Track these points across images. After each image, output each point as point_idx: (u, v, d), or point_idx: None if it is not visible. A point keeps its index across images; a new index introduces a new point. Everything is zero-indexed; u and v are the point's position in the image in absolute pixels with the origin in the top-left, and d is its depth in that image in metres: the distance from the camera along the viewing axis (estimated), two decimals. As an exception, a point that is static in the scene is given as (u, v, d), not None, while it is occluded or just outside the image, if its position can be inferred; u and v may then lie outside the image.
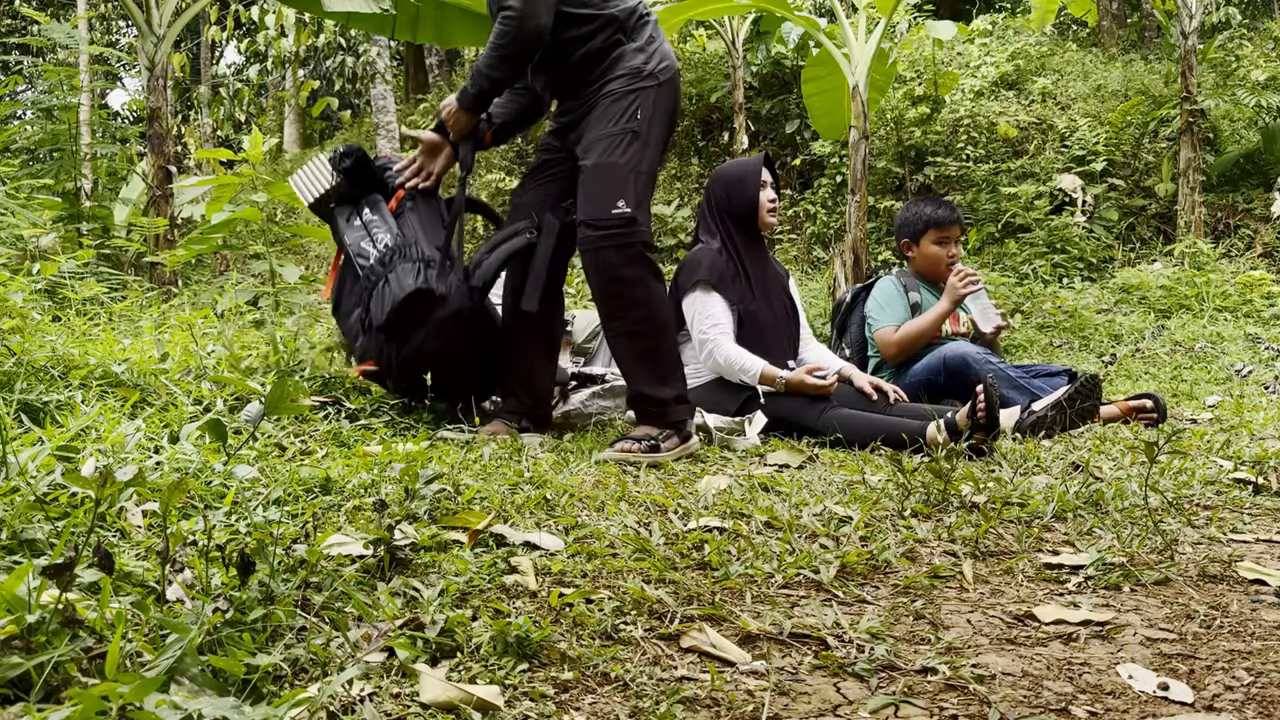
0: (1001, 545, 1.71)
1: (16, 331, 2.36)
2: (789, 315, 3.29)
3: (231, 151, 4.44)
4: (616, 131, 2.37)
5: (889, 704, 1.07)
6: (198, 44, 17.73)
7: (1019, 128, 9.48)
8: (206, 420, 1.47)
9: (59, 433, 1.71)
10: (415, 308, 2.39)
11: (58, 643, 0.94)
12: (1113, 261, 8.49)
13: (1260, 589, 1.50)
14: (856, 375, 3.16)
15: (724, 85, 10.92)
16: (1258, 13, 13.20)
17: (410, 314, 2.40)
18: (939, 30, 7.86)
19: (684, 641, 1.22)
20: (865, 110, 6.08)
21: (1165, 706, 1.09)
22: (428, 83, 15.33)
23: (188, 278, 8.63)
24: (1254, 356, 5.61)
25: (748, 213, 3.17)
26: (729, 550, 1.58)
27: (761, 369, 2.96)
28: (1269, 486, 2.22)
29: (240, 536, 1.41)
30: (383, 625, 1.16)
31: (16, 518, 1.28)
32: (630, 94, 2.40)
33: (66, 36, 6.58)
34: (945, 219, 3.60)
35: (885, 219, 9.33)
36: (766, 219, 3.21)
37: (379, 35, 8.16)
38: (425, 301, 2.40)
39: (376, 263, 2.45)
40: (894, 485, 2.07)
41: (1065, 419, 2.99)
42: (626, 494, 1.92)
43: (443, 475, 1.74)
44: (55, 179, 5.67)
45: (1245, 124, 9.20)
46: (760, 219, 3.19)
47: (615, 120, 2.37)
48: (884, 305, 3.58)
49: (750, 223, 3.19)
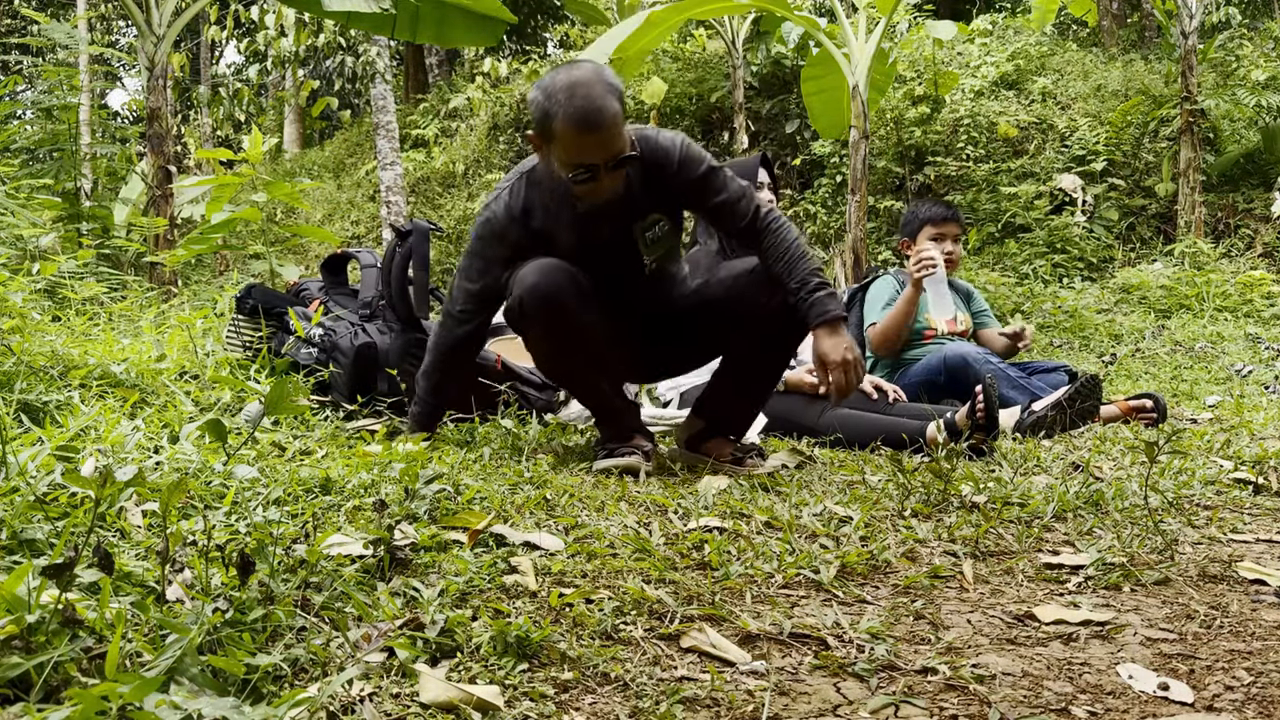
0: (1001, 545, 1.71)
1: (16, 331, 2.36)
2: None
3: (231, 151, 4.44)
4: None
5: (889, 704, 1.07)
6: (198, 44, 17.73)
7: (1019, 128, 9.47)
8: (206, 420, 1.47)
9: (59, 433, 1.71)
10: (364, 361, 2.67)
11: (58, 643, 0.94)
12: (1113, 261, 8.49)
13: (1260, 589, 1.50)
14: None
15: (724, 85, 10.92)
16: (1258, 13, 13.20)
17: (365, 368, 2.68)
18: (939, 30, 7.86)
19: (684, 641, 1.22)
20: (865, 110, 6.08)
21: (1165, 706, 1.09)
22: (428, 83, 15.34)
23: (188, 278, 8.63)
24: (1254, 356, 5.61)
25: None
26: (729, 550, 1.58)
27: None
28: (1269, 486, 2.22)
29: (240, 536, 1.41)
30: (383, 625, 1.16)
31: (16, 518, 1.28)
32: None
33: (66, 36, 6.58)
34: (939, 216, 3.61)
35: (885, 219, 9.33)
36: None
37: (379, 35, 8.15)
38: (370, 353, 2.70)
39: (319, 351, 2.72)
40: (894, 485, 2.07)
41: (1065, 419, 2.99)
42: (626, 494, 1.92)
43: (443, 475, 1.74)
44: (55, 179, 5.67)
45: (1245, 124, 9.20)
46: None
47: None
48: (872, 302, 3.60)
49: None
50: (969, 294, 3.80)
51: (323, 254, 11.63)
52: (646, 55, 7.59)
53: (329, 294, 2.98)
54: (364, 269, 2.97)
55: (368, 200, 12.70)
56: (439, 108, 13.60)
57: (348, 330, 2.74)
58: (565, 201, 2.29)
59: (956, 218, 3.63)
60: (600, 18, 7.66)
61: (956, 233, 3.62)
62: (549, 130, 2.17)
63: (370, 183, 12.80)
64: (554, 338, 2.27)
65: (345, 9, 5.50)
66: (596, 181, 2.18)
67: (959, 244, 3.64)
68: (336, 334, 2.72)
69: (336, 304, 2.93)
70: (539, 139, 2.22)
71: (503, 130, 12.24)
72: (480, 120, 12.61)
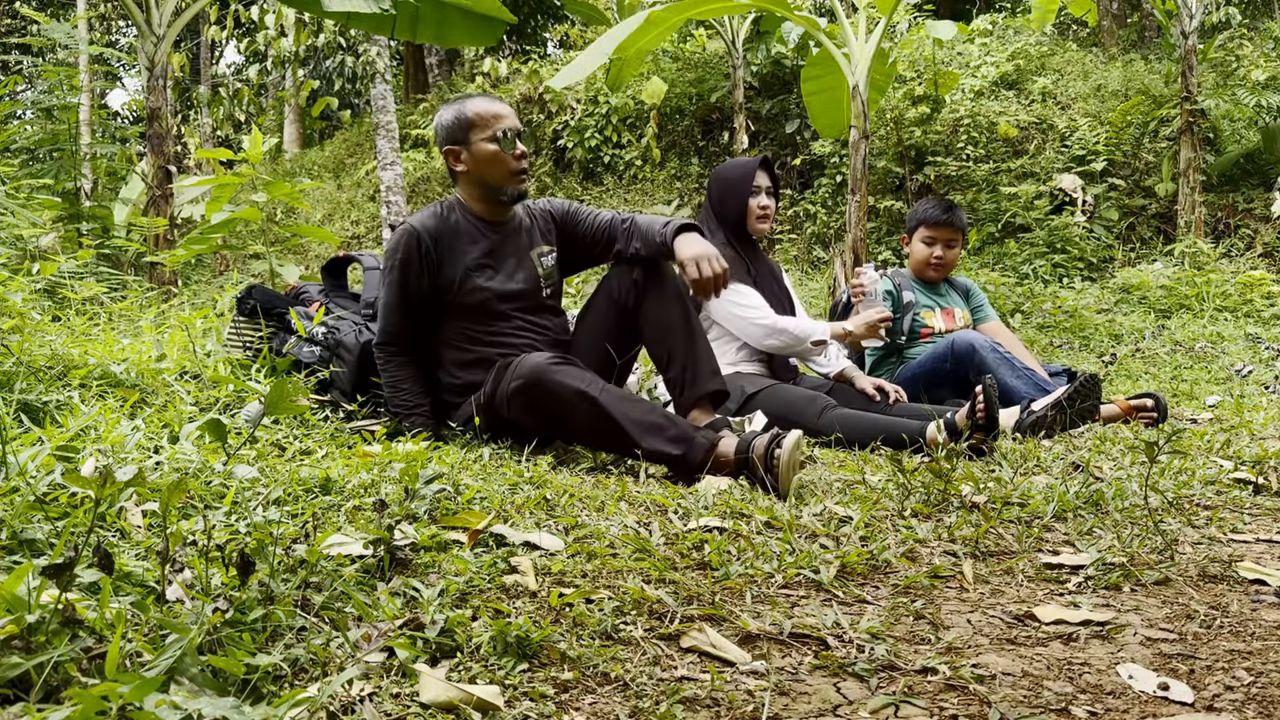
0: (1001, 545, 1.71)
1: (16, 331, 2.36)
2: (786, 305, 3.31)
3: (231, 151, 4.44)
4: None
5: (889, 704, 1.07)
6: (198, 44, 17.74)
7: (1019, 127, 9.48)
8: (206, 420, 1.47)
9: (59, 433, 1.71)
10: (370, 358, 2.67)
11: (58, 643, 0.94)
12: (1113, 261, 8.49)
13: (1260, 589, 1.50)
14: (858, 375, 3.16)
15: (724, 85, 10.92)
16: (1258, 13, 13.20)
17: (371, 365, 2.68)
18: (939, 30, 7.86)
19: (684, 641, 1.22)
20: (865, 110, 6.08)
21: (1165, 706, 1.09)
22: (428, 83, 15.33)
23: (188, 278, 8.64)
24: (1254, 356, 5.61)
25: (737, 217, 3.19)
26: (729, 550, 1.58)
27: (829, 327, 3.03)
28: (1269, 486, 2.22)
29: (240, 536, 1.41)
30: (383, 625, 1.16)
31: (16, 518, 1.28)
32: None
33: (66, 36, 6.58)
34: (933, 218, 3.61)
35: (885, 219, 9.33)
36: (756, 225, 3.21)
37: (379, 35, 8.16)
38: (370, 349, 2.70)
39: (323, 350, 2.73)
40: (894, 485, 2.07)
41: (1065, 419, 2.99)
42: (626, 494, 1.92)
43: (443, 475, 1.74)
44: (55, 179, 5.68)
45: (1245, 124, 9.20)
46: (749, 225, 3.20)
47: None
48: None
49: (740, 227, 3.20)
50: (968, 290, 3.80)
51: (323, 254, 11.65)
52: (646, 55, 7.59)
53: (329, 297, 3.00)
54: (366, 271, 2.98)
55: (368, 200, 12.70)
56: (439, 108, 13.59)
57: (352, 329, 2.74)
58: (476, 230, 2.61)
59: (952, 221, 3.60)
60: (600, 18, 7.66)
61: (950, 236, 3.60)
62: (465, 122, 2.54)
63: (370, 183, 12.80)
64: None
65: (345, 9, 5.50)
66: (525, 150, 2.57)
67: (954, 248, 3.62)
68: (341, 332, 2.73)
69: (337, 306, 2.94)
70: (455, 147, 2.56)
71: (503, 130, 12.22)
72: (480, 120, 12.59)
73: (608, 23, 7.67)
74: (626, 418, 2.21)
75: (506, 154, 2.53)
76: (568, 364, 2.34)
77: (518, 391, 2.30)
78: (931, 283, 3.69)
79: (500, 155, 2.53)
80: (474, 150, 2.54)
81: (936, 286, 3.71)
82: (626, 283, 2.54)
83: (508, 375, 2.35)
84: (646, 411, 2.25)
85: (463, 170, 2.57)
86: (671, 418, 2.26)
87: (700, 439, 2.20)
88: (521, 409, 2.32)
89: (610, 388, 2.29)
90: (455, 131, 2.56)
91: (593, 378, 2.31)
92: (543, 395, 2.27)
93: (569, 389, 2.25)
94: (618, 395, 2.27)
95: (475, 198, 2.61)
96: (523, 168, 2.56)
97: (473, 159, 2.55)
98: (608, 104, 11.01)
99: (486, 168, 2.54)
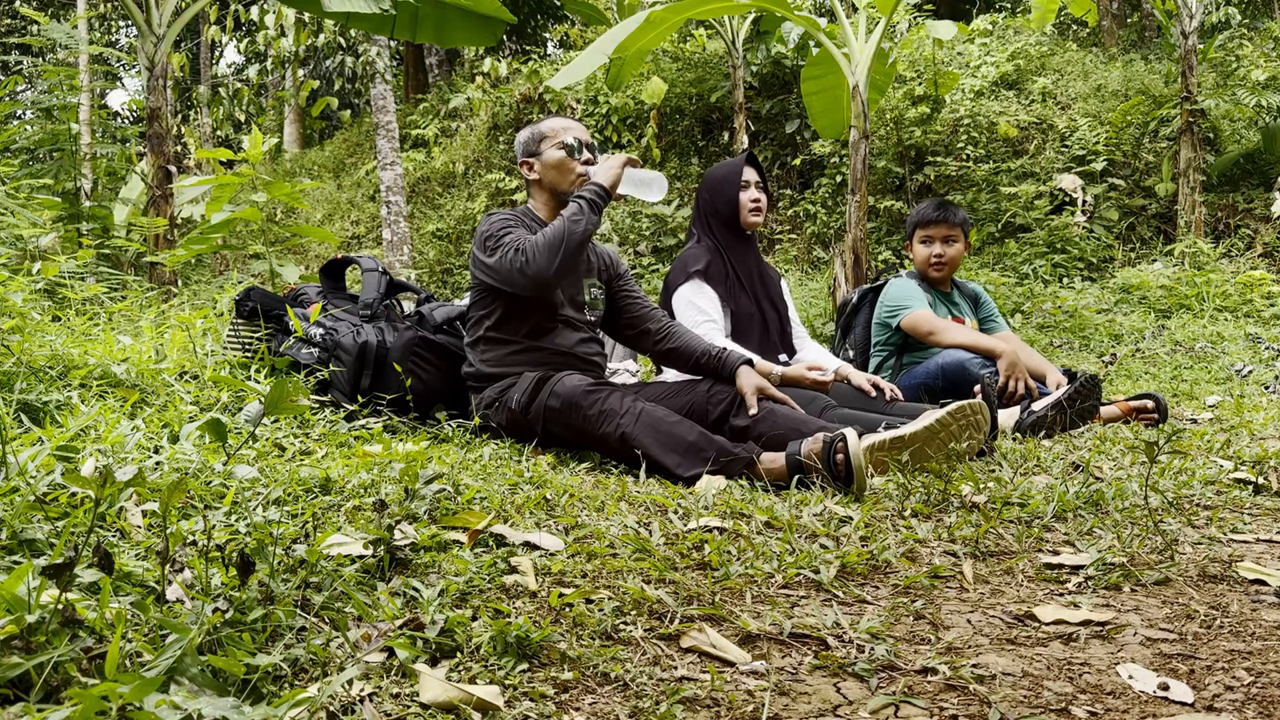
0: (1001, 545, 1.71)
1: (16, 331, 2.36)
2: (779, 316, 3.31)
3: (231, 151, 4.44)
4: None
5: (889, 704, 1.07)
6: (198, 44, 17.73)
7: (1019, 127, 9.47)
8: (206, 420, 1.47)
9: (59, 433, 1.71)
10: (367, 358, 2.72)
11: (58, 643, 0.94)
12: (1113, 261, 8.49)
13: (1260, 589, 1.50)
14: (854, 374, 3.16)
15: (724, 85, 10.92)
16: (1258, 13, 13.20)
17: (369, 365, 2.71)
18: (939, 30, 7.86)
19: (684, 641, 1.22)
20: (865, 110, 6.08)
21: (1165, 706, 1.09)
22: (428, 83, 15.33)
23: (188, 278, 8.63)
24: (1254, 356, 5.61)
25: (730, 213, 3.21)
26: (729, 550, 1.58)
27: (757, 362, 2.96)
28: (1269, 486, 2.22)
29: (240, 536, 1.41)
30: (383, 625, 1.16)
31: (16, 518, 1.28)
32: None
33: (66, 36, 6.58)
34: (928, 217, 3.61)
35: (885, 219, 9.33)
36: (748, 218, 3.23)
37: (379, 35, 8.15)
38: (373, 350, 2.75)
39: (320, 350, 2.74)
40: (894, 485, 2.07)
41: (1065, 419, 2.99)
42: (626, 494, 1.92)
43: (443, 475, 1.74)
44: (55, 179, 5.67)
45: (1245, 124, 9.20)
46: (742, 219, 3.23)
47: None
48: (900, 299, 3.58)
49: (734, 223, 3.22)
50: (976, 296, 3.78)
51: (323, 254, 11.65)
52: (646, 55, 7.59)
53: (327, 298, 3.01)
54: (365, 273, 2.98)
55: (368, 200, 12.70)
56: (439, 108, 13.60)
57: (349, 329, 2.75)
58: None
59: (946, 217, 3.59)
60: (600, 17, 7.65)
61: (946, 233, 3.59)
62: (538, 135, 2.71)
63: (370, 183, 12.80)
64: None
65: (345, 9, 5.50)
66: (591, 159, 2.70)
67: (953, 244, 3.60)
68: (338, 332, 2.74)
69: (336, 306, 2.94)
70: (529, 158, 2.72)
71: (503, 130, 12.24)
72: (480, 120, 12.61)
73: (608, 23, 7.67)
74: (660, 446, 2.24)
75: (574, 160, 2.68)
76: (603, 389, 2.41)
77: (553, 410, 2.40)
78: (939, 286, 3.68)
79: (567, 161, 2.68)
80: (544, 158, 2.70)
81: (949, 295, 3.70)
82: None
83: (544, 391, 2.42)
84: (683, 434, 2.27)
85: (534, 179, 2.72)
86: (708, 437, 2.27)
87: (741, 452, 2.23)
88: (554, 425, 2.43)
89: (647, 412, 2.31)
90: (530, 144, 2.74)
91: (630, 404, 2.34)
92: (578, 419, 2.37)
93: (603, 417, 2.33)
94: (649, 424, 2.28)
95: (544, 204, 2.73)
96: (587, 174, 2.66)
97: (542, 165, 2.71)
98: (608, 104, 11.01)
99: (554, 173, 2.69)
